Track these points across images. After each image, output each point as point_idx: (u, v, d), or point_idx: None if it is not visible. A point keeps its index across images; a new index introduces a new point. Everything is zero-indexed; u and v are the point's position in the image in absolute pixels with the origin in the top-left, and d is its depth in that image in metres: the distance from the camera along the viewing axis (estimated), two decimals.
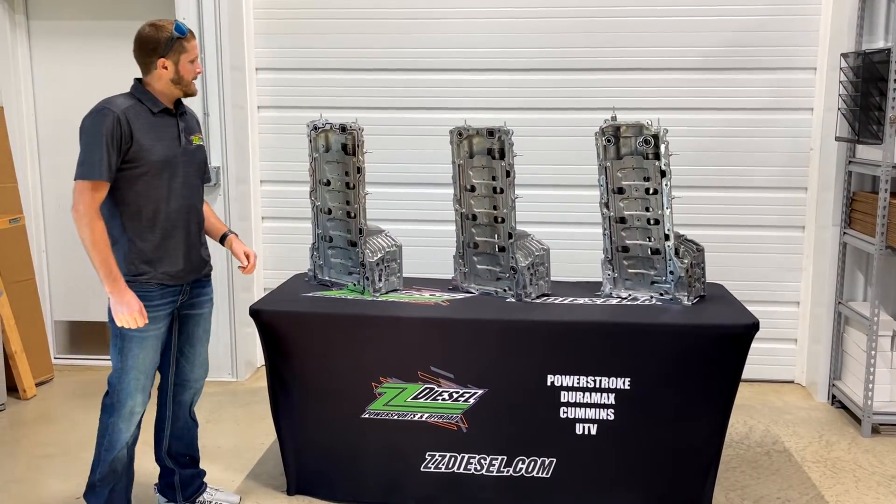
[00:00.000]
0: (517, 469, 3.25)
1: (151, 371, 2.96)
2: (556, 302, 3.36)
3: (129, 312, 2.78)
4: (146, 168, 2.82)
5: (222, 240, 3.24)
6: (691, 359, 3.08)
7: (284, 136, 4.94)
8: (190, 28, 2.92)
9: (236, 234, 3.28)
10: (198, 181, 3.04)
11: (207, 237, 3.18)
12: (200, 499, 3.31)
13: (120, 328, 2.84)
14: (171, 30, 2.84)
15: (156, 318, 2.90)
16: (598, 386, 3.13)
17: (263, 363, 3.41)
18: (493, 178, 3.38)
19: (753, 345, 3.09)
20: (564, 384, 3.15)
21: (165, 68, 2.85)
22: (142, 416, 3.01)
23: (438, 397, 3.22)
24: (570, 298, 3.39)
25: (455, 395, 3.21)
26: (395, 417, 3.26)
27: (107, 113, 2.75)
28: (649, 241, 3.32)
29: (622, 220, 3.36)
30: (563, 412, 3.17)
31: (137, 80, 2.91)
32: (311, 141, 3.53)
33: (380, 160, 4.03)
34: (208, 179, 3.23)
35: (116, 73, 4.87)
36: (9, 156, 4.74)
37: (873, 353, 4.08)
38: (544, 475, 3.24)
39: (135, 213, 2.85)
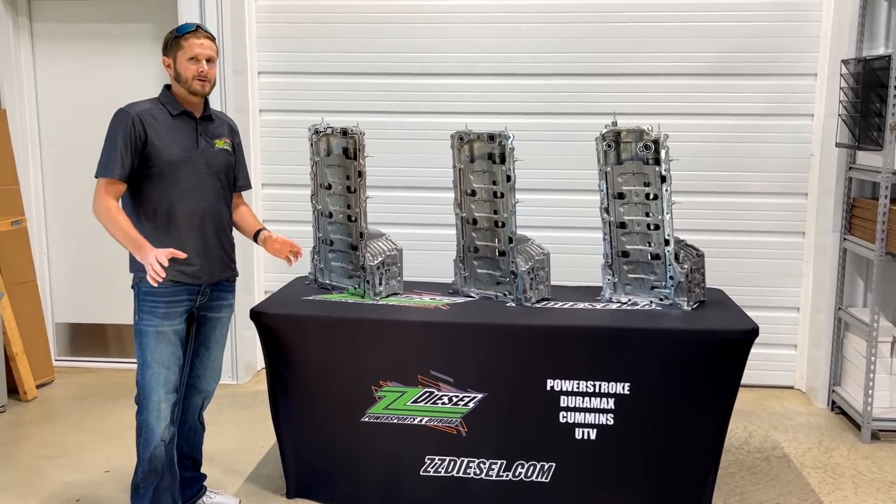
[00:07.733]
0: (516, 473, 3.25)
1: (173, 366, 2.98)
2: (556, 306, 3.36)
3: (156, 260, 2.72)
4: (160, 168, 2.90)
5: (255, 236, 3.23)
6: (691, 364, 3.09)
7: (286, 140, 4.95)
8: (199, 26, 2.98)
9: (270, 233, 3.24)
10: (216, 184, 3.05)
11: (243, 236, 3.22)
12: (200, 502, 3.31)
13: (139, 325, 2.93)
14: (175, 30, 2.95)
15: (170, 315, 2.94)
16: (597, 391, 3.14)
17: (264, 366, 3.41)
18: (494, 183, 3.39)
19: (753, 350, 3.09)
20: (564, 389, 3.15)
21: (168, 66, 2.97)
22: (174, 414, 3.03)
23: (438, 401, 3.22)
24: (570, 303, 3.39)
25: (455, 399, 3.21)
26: (395, 421, 3.26)
27: (124, 116, 2.89)
28: (649, 246, 3.33)
29: (622, 224, 3.36)
30: (563, 417, 3.17)
31: (166, 86, 3.03)
32: (312, 145, 3.54)
33: (381, 164, 4.03)
34: (244, 186, 3.26)
35: (119, 76, 4.96)
36: (11, 158, 4.76)
37: (873, 358, 4.08)
38: (544, 480, 3.24)
39: (151, 212, 2.94)
